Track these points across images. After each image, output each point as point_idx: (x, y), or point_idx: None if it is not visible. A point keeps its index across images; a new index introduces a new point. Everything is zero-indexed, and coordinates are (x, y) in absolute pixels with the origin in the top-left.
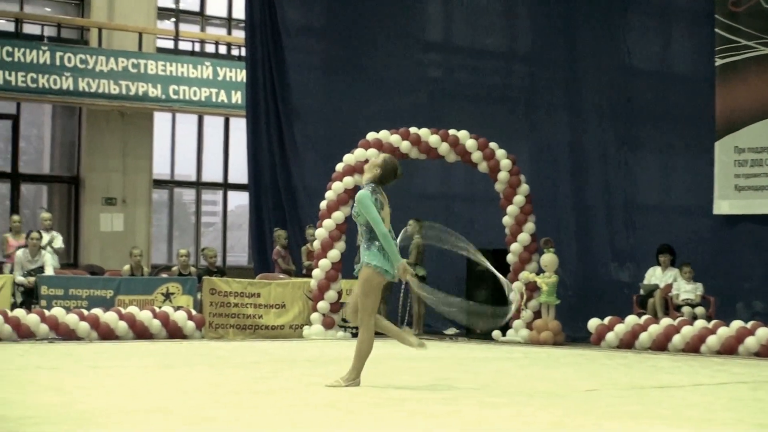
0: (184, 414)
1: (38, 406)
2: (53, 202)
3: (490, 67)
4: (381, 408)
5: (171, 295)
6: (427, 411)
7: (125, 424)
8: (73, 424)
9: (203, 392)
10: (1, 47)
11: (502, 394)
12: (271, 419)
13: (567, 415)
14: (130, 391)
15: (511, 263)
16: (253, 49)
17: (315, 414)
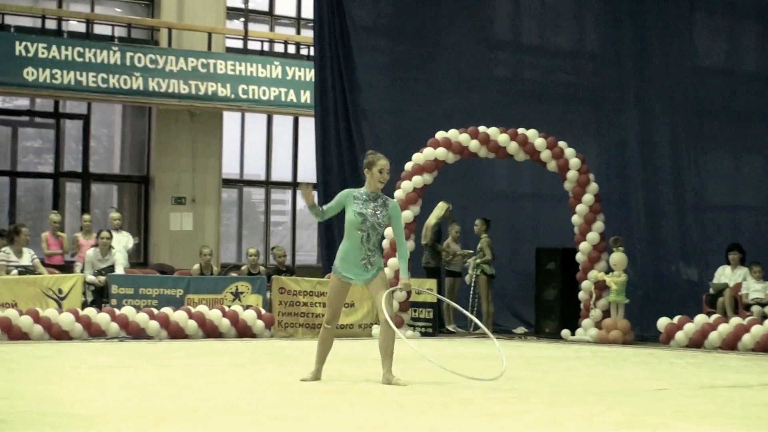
0: (254, 413)
1: (110, 404)
2: (123, 202)
3: (559, 66)
4: (450, 407)
5: (240, 294)
6: (496, 410)
7: (197, 422)
8: (145, 422)
9: (273, 391)
10: (72, 48)
11: (572, 393)
12: (340, 418)
13: (636, 415)
14: (201, 390)
15: (580, 262)
16: (321, 49)
17: (384, 414)
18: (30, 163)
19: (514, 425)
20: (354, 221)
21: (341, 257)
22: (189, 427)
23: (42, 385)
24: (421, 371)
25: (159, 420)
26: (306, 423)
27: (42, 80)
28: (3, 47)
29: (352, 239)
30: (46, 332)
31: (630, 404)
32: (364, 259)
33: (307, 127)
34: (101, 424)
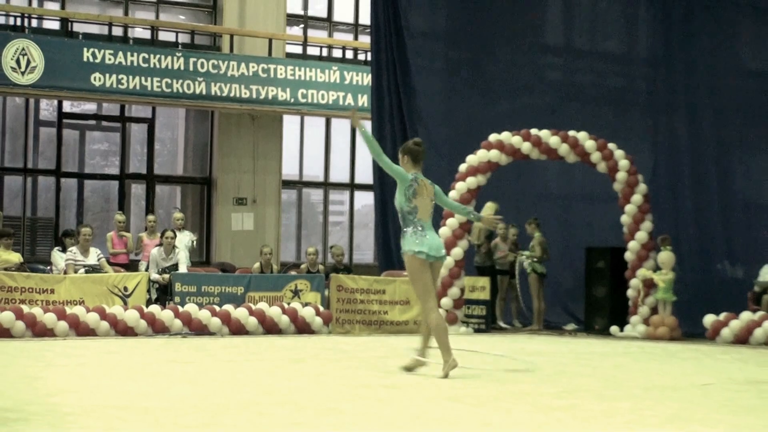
0: (313, 406)
1: (173, 398)
2: (186, 203)
3: (609, 70)
4: (502, 401)
5: (299, 291)
6: (547, 404)
7: (257, 415)
8: (206, 415)
9: (331, 386)
10: (137, 54)
11: (620, 387)
12: (397, 413)
13: (684, 409)
14: (261, 384)
15: (629, 261)
16: (378, 54)
17: (440, 408)
18: (97, 165)
19: (566, 419)
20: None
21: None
22: (249, 420)
23: (108, 379)
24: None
25: (220, 413)
26: (363, 417)
27: (109, 85)
28: (71, 54)
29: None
30: (112, 328)
31: (677, 398)
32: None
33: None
34: (168, 417)
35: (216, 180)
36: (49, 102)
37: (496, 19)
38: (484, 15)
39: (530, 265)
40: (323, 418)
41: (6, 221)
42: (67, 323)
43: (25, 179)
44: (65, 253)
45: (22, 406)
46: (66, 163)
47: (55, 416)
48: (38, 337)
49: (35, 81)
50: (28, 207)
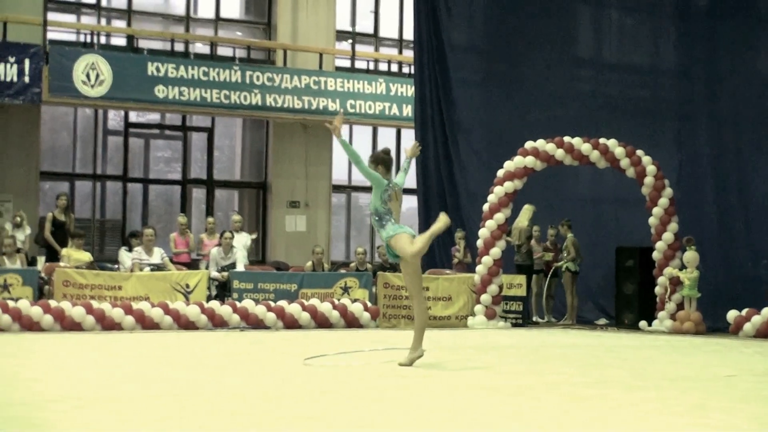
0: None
1: (233, 387)
2: (243, 206)
3: (636, 82)
4: (535, 390)
5: (349, 288)
6: (580, 394)
7: (313, 404)
8: (261, 403)
9: (377, 376)
10: (198, 68)
11: (648, 378)
12: (434, 401)
13: (707, 399)
14: (315, 377)
15: (656, 260)
16: (420, 67)
17: (475, 397)
18: (160, 171)
19: (597, 407)
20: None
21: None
22: (297, 407)
23: (170, 370)
24: (512, 358)
25: (277, 402)
26: (403, 405)
27: (171, 97)
28: (137, 68)
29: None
30: (174, 323)
31: (701, 389)
32: None
33: (408, 137)
34: (224, 402)
35: (271, 185)
36: (117, 113)
37: (531, 33)
38: (520, 30)
39: (564, 264)
40: (371, 407)
41: (78, 223)
42: (134, 318)
43: (94, 184)
44: (131, 253)
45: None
46: (132, 170)
47: (120, 402)
48: (106, 330)
49: (104, 93)
50: (98, 210)
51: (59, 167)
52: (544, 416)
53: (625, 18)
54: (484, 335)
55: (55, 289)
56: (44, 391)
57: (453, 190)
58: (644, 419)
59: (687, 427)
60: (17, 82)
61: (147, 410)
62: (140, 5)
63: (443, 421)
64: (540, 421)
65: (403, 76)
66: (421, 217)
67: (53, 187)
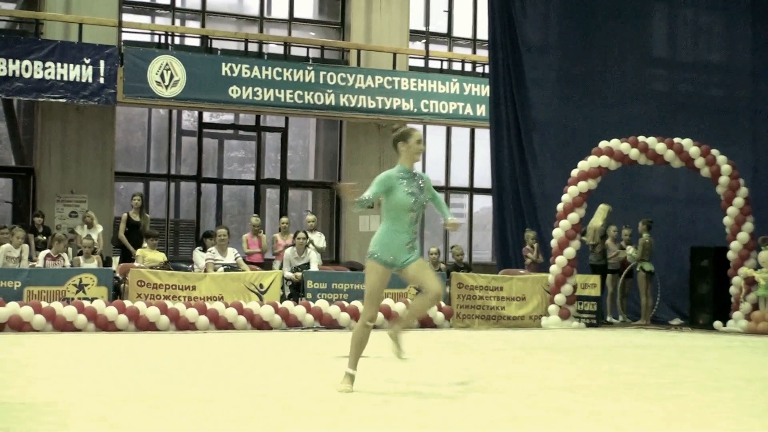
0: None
1: (305, 389)
2: (317, 206)
3: (711, 81)
4: (613, 390)
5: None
6: (654, 394)
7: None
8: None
9: (452, 376)
10: (271, 68)
11: (723, 379)
12: (512, 401)
13: None
14: (386, 375)
15: (731, 260)
16: (495, 67)
17: (552, 397)
18: (234, 171)
19: (673, 408)
20: (405, 203)
21: (383, 242)
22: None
23: (243, 370)
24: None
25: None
26: (482, 404)
27: (245, 97)
28: (211, 68)
29: (398, 222)
30: (248, 323)
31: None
32: (409, 243)
33: (482, 137)
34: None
35: None
36: (191, 113)
37: (606, 33)
38: (593, 29)
39: (638, 264)
40: (440, 406)
41: (152, 223)
42: (208, 318)
43: (168, 184)
44: (205, 253)
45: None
46: (206, 170)
47: (197, 403)
48: (181, 330)
49: (178, 94)
50: (172, 210)
51: (134, 167)
52: (620, 417)
53: (700, 16)
54: (558, 335)
55: (130, 289)
56: (120, 391)
57: (527, 191)
58: (720, 420)
59: (764, 429)
60: (92, 84)
61: (222, 411)
62: (214, 6)
63: (520, 420)
64: (616, 422)
65: (477, 76)
66: (495, 217)
67: (128, 187)
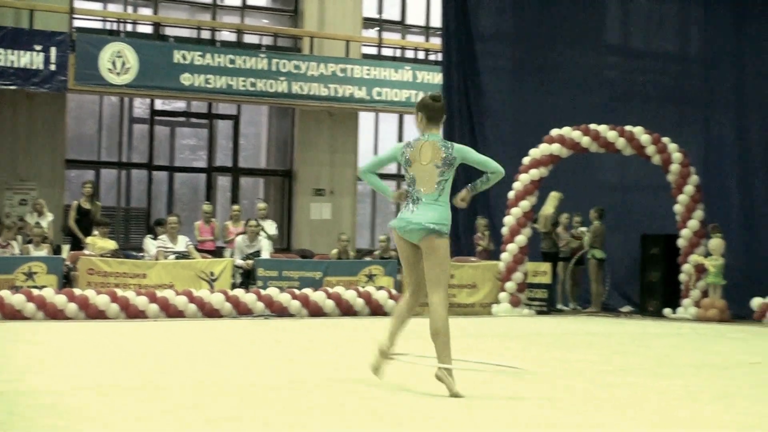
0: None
1: (253, 377)
2: (269, 193)
3: (663, 69)
4: (564, 377)
5: (373, 276)
6: (606, 381)
7: (337, 390)
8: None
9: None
10: (224, 55)
11: (673, 366)
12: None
13: (732, 386)
14: (342, 364)
15: (681, 247)
16: (448, 55)
17: (501, 383)
18: (186, 159)
19: (622, 395)
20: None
21: None
22: (329, 395)
23: (198, 356)
24: (538, 346)
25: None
26: (428, 393)
27: (197, 85)
28: (163, 55)
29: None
30: (199, 310)
31: (727, 377)
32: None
33: None
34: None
35: (296, 172)
36: (143, 100)
37: (559, 21)
38: (548, 17)
39: (589, 251)
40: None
41: (103, 211)
42: (158, 306)
43: (120, 172)
44: (156, 241)
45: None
46: (157, 157)
47: (149, 390)
48: (131, 318)
49: (130, 81)
50: (123, 198)
51: (85, 155)
52: (569, 404)
53: (653, 5)
54: (509, 323)
55: (80, 277)
56: (69, 379)
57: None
58: (670, 407)
59: (713, 415)
60: (43, 70)
61: (168, 398)
62: None
63: (471, 408)
64: (566, 408)
65: (430, 64)
66: None
67: (79, 175)
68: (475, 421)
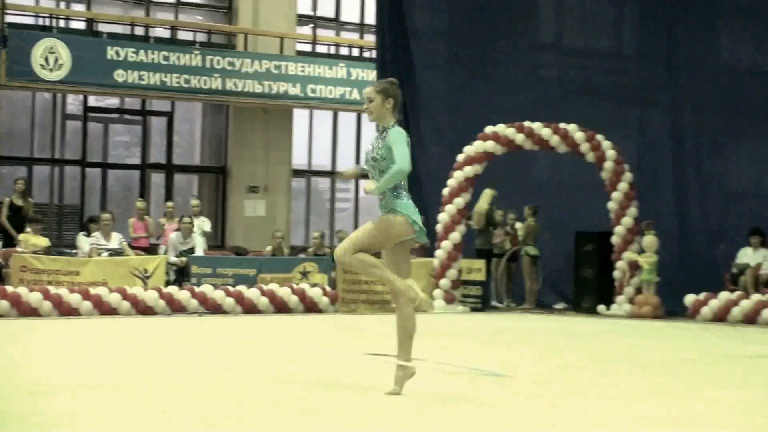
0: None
1: (193, 375)
2: (203, 190)
3: (598, 66)
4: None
5: (308, 273)
6: (541, 378)
7: (266, 391)
8: (222, 391)
9: (333, 362)
10: (158, 52)
11: (607, 362)
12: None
13: (666, 382)
14: (278, 361)
15: (615, 244)
16: (382, 52)
17: (433, 381)
18: (119, 156)
19: (556, 392)
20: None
21: None
22: (261, 396)
23: (132, 355)
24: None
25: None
26: (359, 386)
27: (131, 81)
28: (96, 52)
29: None
30: (132, 308)
31: (660, 372)
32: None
33: (368, 123)
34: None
35: (231, 169)
36: (76, 97)
37: (493, 18)
38: (483, 15)
39: (522, 248)
40: (332, 390)
41: (35, 208)
42: (91, 303)
43: (52, 169)
44: (89, 238)
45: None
46: (91, 154)
47: (79, 390)
48: (64, 316)
49: (62, 77)
50: (56, 195)
51: (17, 152)
52: (504, 401)
53: (587, 2)
54: (443, 320)
55: (12, 274)
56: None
57: (413, 175)
58: (604, 403)
59: (647, 411)
60: None
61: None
62: None
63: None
64: (501, 406)
65: (365, 61)
66: None
67: (11, 171)
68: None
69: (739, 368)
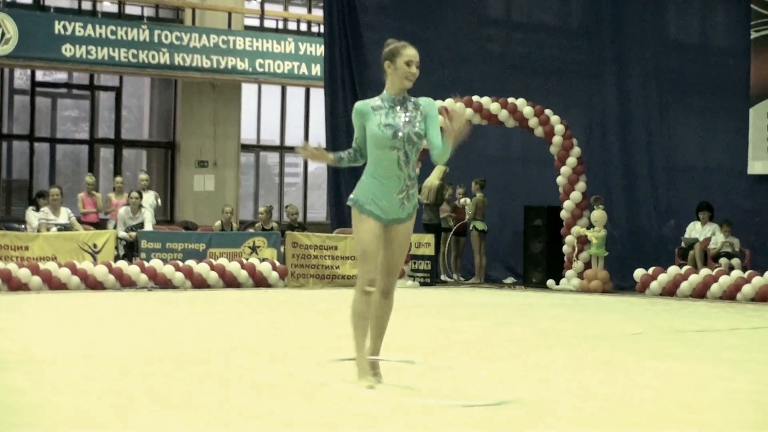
0: (269, 352)
1: (142, 349)
2: (152, 165)
3: (546, 41)
4: (449, 349)
5: (257, 248)
6: (490, 353)
7: (218, 362)
8: (173, 364)
9: (289, 335)
10: (105, 26)
11: (557, 336)
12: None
13: (614, 356)
14: (226, 334)
15: (564, 219)
16: (331, 27)
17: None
18: (68, 131)
19: (505, 367)
20: (381, 139)
21: (365, 189)
22: (214, 365)
23: (81, 331)
24: (422, 318)
25: (184, 361)
26: (310, 361)
27: (78, 56)
28: (43, 26)
29: (380, 166)
30: (82, 283)
31: (609, 346)
32: (402, 192)
33: (317, 97)
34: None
35: (179, 144)
36: (23, 71)
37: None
38: None
39: (471, 223)
40: (281, 362)
41: None
42: (41, 278)
43: (0, 144)
44: (38, 213)
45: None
46: (39, 129)
47: (32, 365)
48: (13, 291)
49: (9, 52)
50: (4, 170)
51: None
52: (452, 377)
53: None
54: None
55: None
56: None
57: None
58: (550, 376)
59: (595, 386)
60: None
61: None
62: None
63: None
64: (449, 382)
65: (313, 36)
66: (330, 176)
67: None
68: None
69: (687, 342)
